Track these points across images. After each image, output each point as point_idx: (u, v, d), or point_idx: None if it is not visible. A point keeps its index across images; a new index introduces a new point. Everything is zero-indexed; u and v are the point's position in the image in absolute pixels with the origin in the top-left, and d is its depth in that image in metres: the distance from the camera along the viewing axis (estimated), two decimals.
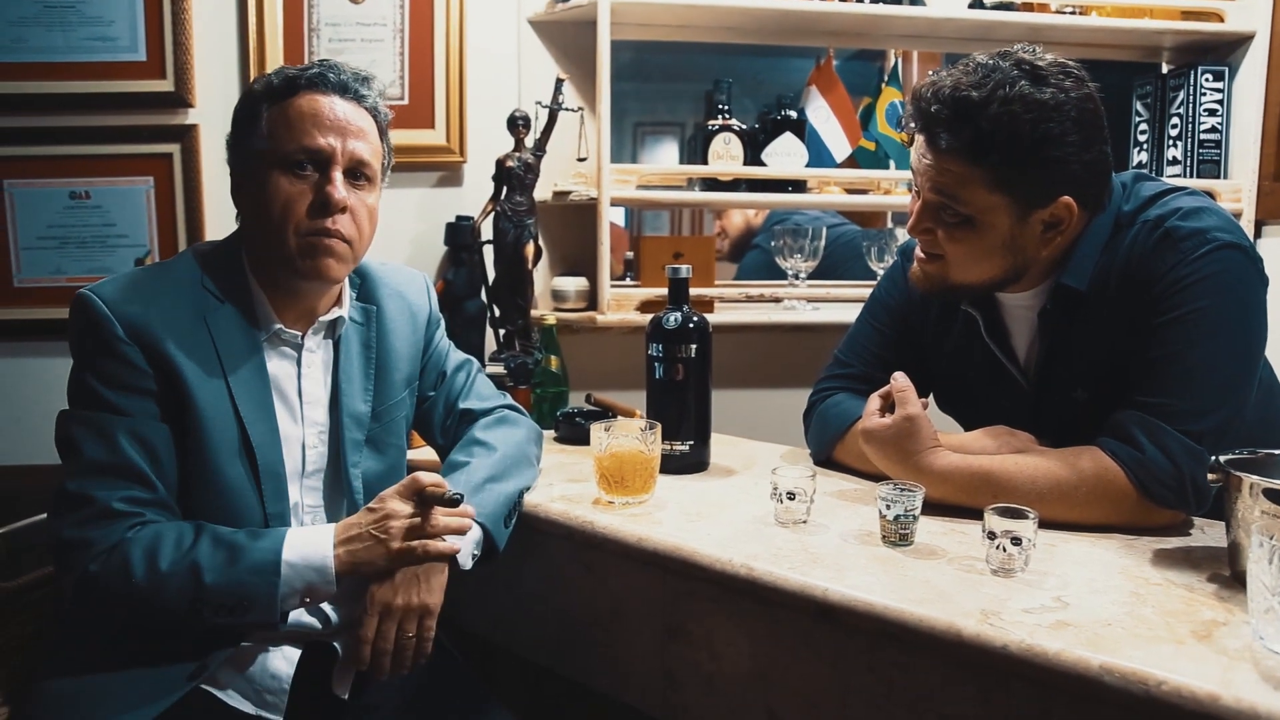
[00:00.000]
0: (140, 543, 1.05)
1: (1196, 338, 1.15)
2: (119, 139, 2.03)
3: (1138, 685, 0.81)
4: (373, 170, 1.20)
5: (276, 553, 1.08)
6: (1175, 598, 0.97)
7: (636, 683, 1.23)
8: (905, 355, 1.46)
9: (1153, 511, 1.15)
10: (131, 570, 1.04)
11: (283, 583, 1.07)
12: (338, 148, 1.15)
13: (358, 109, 1.19)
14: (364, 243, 1.22)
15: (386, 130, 1.25)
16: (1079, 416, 1.28)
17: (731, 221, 2.96)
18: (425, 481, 1.14)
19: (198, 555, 1.06)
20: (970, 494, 1.20)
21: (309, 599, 1.11)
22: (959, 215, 1.21)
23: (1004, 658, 0.88)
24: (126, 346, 1.09)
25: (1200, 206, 1.20)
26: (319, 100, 1.16)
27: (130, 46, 2.01)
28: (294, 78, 1.17)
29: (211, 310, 1.16)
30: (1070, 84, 1.15)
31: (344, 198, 1.16)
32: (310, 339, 1.23)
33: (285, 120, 1.15)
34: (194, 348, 1.13)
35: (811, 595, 1.01)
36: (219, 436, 1.13)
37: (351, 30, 2.05)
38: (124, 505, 1.07)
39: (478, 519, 1.20)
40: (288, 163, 1.14)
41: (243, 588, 1.06)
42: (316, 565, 1.09)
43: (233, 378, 1.15)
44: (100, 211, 2.05)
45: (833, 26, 2.11)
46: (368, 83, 1.22)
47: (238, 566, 1.06)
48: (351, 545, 1.11)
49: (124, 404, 1.09)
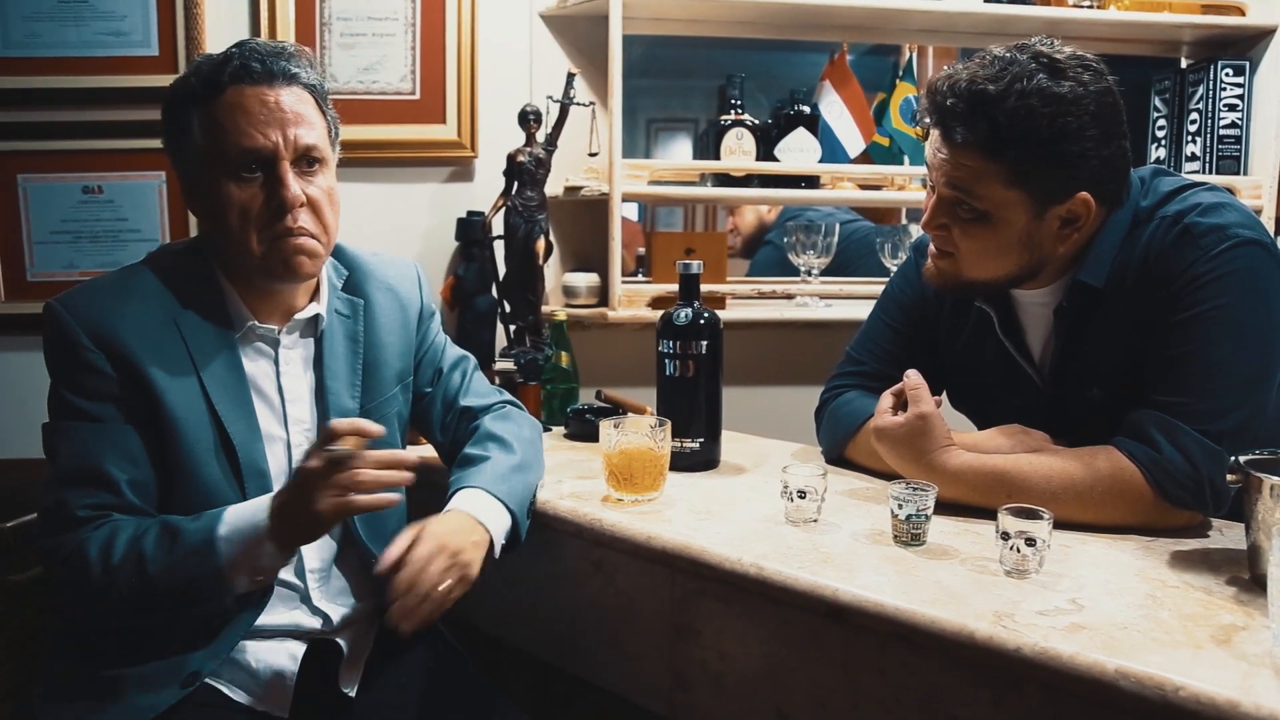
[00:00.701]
0: (97, 541, 1.05)
1: (1216, 335, 1.13)
2: (131, 134, 2.03)
3: (1154, 690, 0.79)
4: (321, 152, 1.14)
5: (211, 530, 1.04)
6: (1193, 601, 0.95)
7: (644, 681, 1.22)
8: (918, 352, 1.44)
9: (1170, 513, 1.13)
10: (90, 567, 1.03)
11: (222, 558, 1.03)
12: (279, 141, 1.09)
13: (290, 90, 1.11)
14: (332, 231, 1.17)
15: (326, 98, 1.16)
16: (1094, 415, 1.26)
17: (744, 218, 2.94)
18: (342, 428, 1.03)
19: (143, 545, 1.04)
20: (984, 494, 1.18)
21: (258, 575, 1.06)
22: (974, 211, 1.20)
23: (1017, 660, 0.86)
24: (92, 354, 1.08)
25: (1220, 202, 1.18)
26: (247, 94, 1.08)
27: (143, 41, 2.01)
28: (213, 75, 1.09)
29: (180, 312, 1.13)
30: (1089, 77, 1.13)
31: (298, 194, 1.10)
32: (287, 336, 1.20)
33: (215, 124, 1.09)
34: (163, 350, 1.11)
35: (822, 595, 1.00)
36: (194, 436, 1.11)
37: (363, 24, 2.04)
38: (88, 511, 1.07)
39: (509, 506, 1.19)
40: (232, 167, 1.09)
41: (184, 571, 1.03)
42: (251, 535, 1.03)
43: (206, 377, 1.12)
44: (113, 206, 2.05)
45: (847, 21, 2.09)
46: (293, 58, 1.12)
47: (176, 552, 1.04)
48: (283, 506, 1.04)
49: (94, 410, 1.09)
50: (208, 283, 1.17)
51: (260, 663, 1.15)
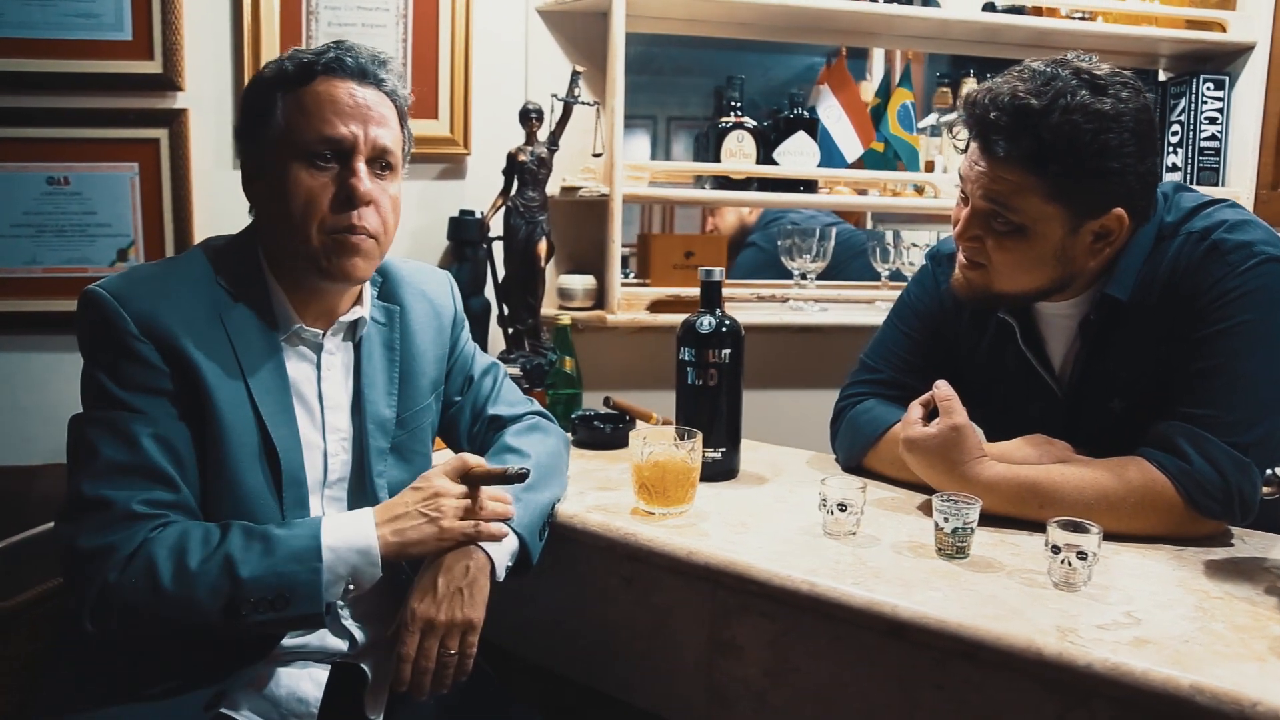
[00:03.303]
0: (165, 543, 0.98)
1: (1243, 349, 1.16)
2: (101, 122, 1.93)
3: (1231, 706, 0.81)
4: (395, 158, 1.14)
5: (315, 538, 1.02)
6: (1241, 612, 0.97)
7: (679, 699, 1.20)
8: (935, 361, 1.45)
9: (1198, 522, 1.16)
10: (158, 574, 0.97)
11: (325, 569, 1.01)
12: (360, 136, 1.09)
13: (378, 94, 1.13)
14: (389, 237, 1.16)
15: (406, 115, 1.19)
16: (1112, 425, 1.28)
17: (724, 219, 2.93)
18: (472, 462, 1.12)
19: (230, 549, 0.99)
20: (1017, 504, 1.19)
21: (353, 586, 1.05)
22: (1010, 224, 1.20)
23: (1088, 676, 0.87)
24: (140, 344, 1.03)
25: (1245, 220, 1.21)
26: (337, 86, 1.10)
27: (115, 24, 1.90)
28: (309, 62, 1.10)
29: (227, 308, 1.09)
30: (1128, 94, 1.15)
31: (369, 190, 1.10)
32: (330, 340, 1.17)
33: (302, 108, 1.09)
34: (211, 346, 1.06)
35: (880, 612, 0.99)
36: (239, 441, 1.06)
37: (352, 14, 1.97)
38: (145, 508, 1.00)
39: (515, 529, 1.16)
40: (307, 154, 1.08)
41: (283, 578, 0.99)
42: (360, 547, 1.04)
43: (252, 379, 1.08)
44: (80, 199, 1.94)
45: (844, 25, 2.09)
46: (386, 65, 1.15)
47: (275, 555, 1.00)
48: (398, 524, 1.07)
49: (141, 404, 1.02)
50: (255, 279, 1.13)
51: (282, 688, 1.11)
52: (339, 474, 1.17)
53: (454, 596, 1.08)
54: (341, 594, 1.04)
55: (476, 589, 1.09)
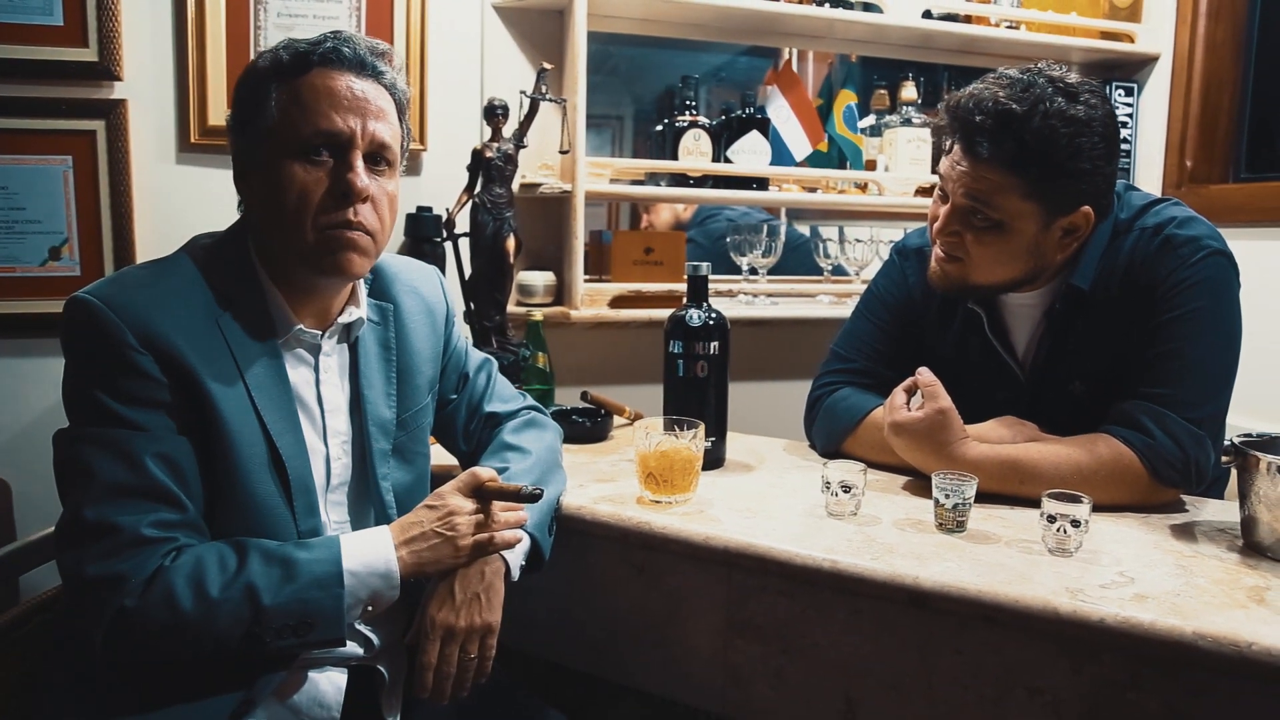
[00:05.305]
0: (182, 570, 0.95)
1: (1195, 334, 1.28)
2: (30, 112, 1.80)
3: (1230, 648, 0.90)
4: (394, 154, 1.11)
5: (336, 563, 1.00)
6: (1215, 567, 1.08)
7: (695, 682, 1.24)
8: (904, 350, 1.54)
9: (1160, 491, 1.28)
10: (177, 601, 0.93)
11: (347, 594, 0.99)
12: (357, 130, 1.06)
13: (377, 86, 1.09)
14: (386, 235, 1.13)
15: (406, 109, 1.16)
16: (1073, 407, 1.39)
17: (659, 216, 2.98)
18: (484, 477, 1.11)
19: (251, 575, 0.96)
20: (999, 481, 1.28)
21: (372, 608, 1.04)
22: (989, 220, 1.29)
23: (1101, 630, 0.95)
24: (140, 355, 0.97)
25: (1190, 216, 1.34)
26: (334, 77, 1.06)
27: (44, 8, 1.79)
28: (305, 52, 1.07)
29: (222, 311, 1.05)
30: (1096, 101, 1.25)
31: (366, 185, 1.07)
32: (326, 341, 1.14)
33: (297, 100, 1.05)
34: (210, 355, 1.02)
35: (903, 584, 1.05)
36: (247, 451, 1.03)
37: (303, 5, 1.91)
38: (155, 530, 0.95)
39: (527, 530, 1.16)
40: (302, 148, 1.05)
41: (306, 605, 0.97)
42: (380, 571, 1.03)
43: (253, 386, 1.04)
44: (6, 194, 1.81)
45: (793, 28, 2.17)
46: (385, 57, 1.12)
47: (298, 582, 0.97)
48: (415, 545, 1.06)
49: (141, 419, 0.97)
50: (249, 280, 1.08)
51: (302, 694, 1.08)
52: (341, 478, 1.15)
53: (472, 602, 1.08)
54: (359, 615, 1.04)
55: (493, 593, 1.10)
